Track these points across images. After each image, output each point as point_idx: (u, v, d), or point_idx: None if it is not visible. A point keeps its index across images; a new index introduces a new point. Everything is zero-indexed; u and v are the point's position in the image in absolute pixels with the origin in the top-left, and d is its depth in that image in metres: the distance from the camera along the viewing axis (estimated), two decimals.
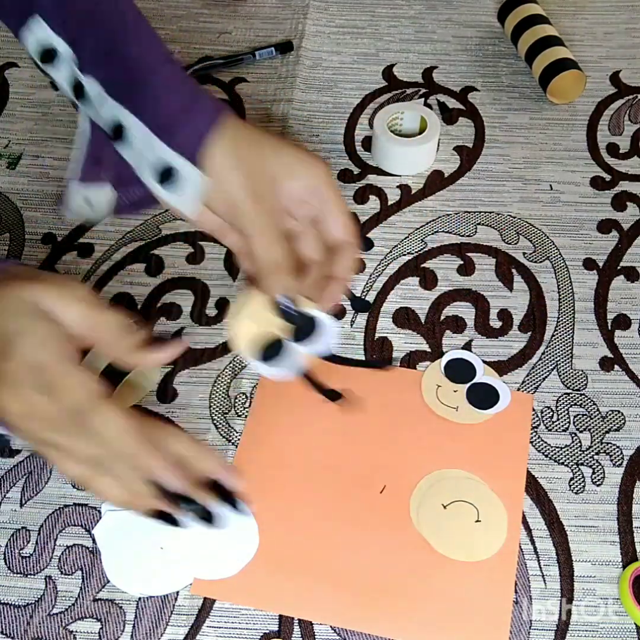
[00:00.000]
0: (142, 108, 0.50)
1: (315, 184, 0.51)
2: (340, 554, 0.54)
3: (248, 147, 0.50)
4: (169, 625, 0.52)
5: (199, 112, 0.50)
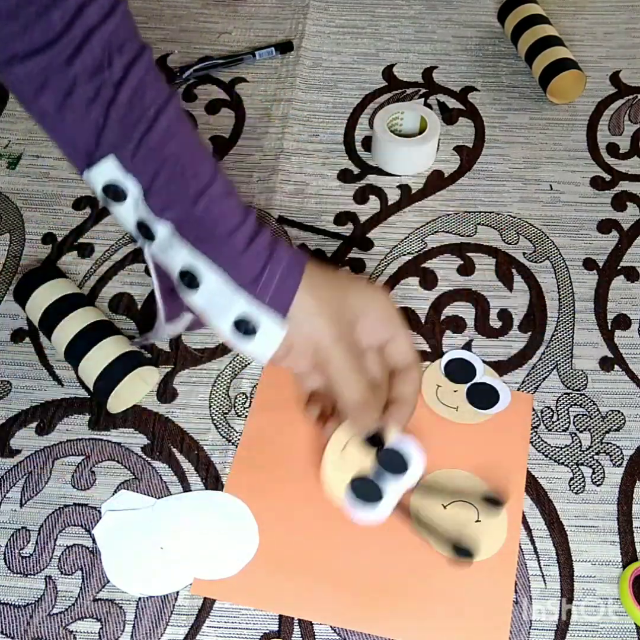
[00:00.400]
0: (224, 260, 0.50)
1: (386, 315, 0.54)
2: (340, 553, 0.54)
3: (328, 291, 0.52)
4: (169, 625, 0.52)
5: (280, 265, 0.51)
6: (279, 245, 0.51)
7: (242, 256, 0.50)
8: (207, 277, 0.50)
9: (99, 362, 0.59)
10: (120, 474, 0.58)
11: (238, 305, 0.50)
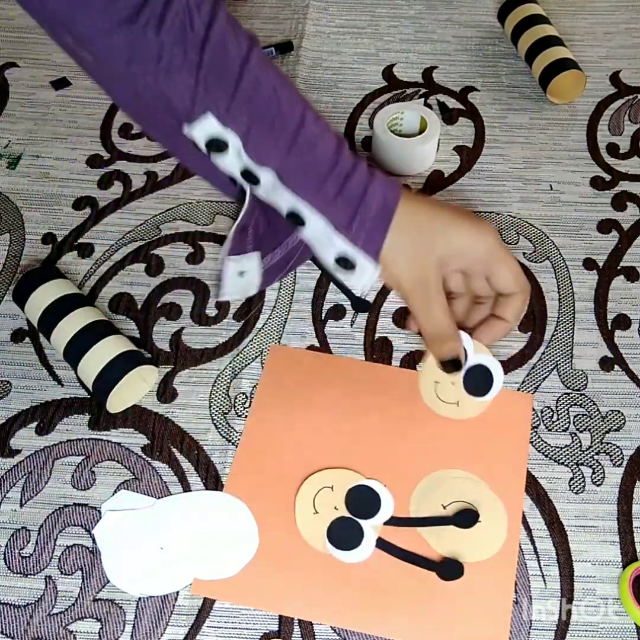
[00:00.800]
0: (320, 205, 0.54)
1: (484, 258, 0.56)
2: None
3: (419, 232, 0.55)
4: (169, 625, 0.52)
5: (372, 209, 0.54)
6: (370, 186, 0.55)
7: (335, 202, 0.54)
8: (309, 218, 0.55)
9: (98, 361, 0.59)
10: (120, 474, 0.58)
11: (338, 244, 0.55)
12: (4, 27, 0.89)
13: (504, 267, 0.56)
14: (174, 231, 0.72)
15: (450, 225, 0.56)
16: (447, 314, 0.57)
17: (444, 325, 0.57)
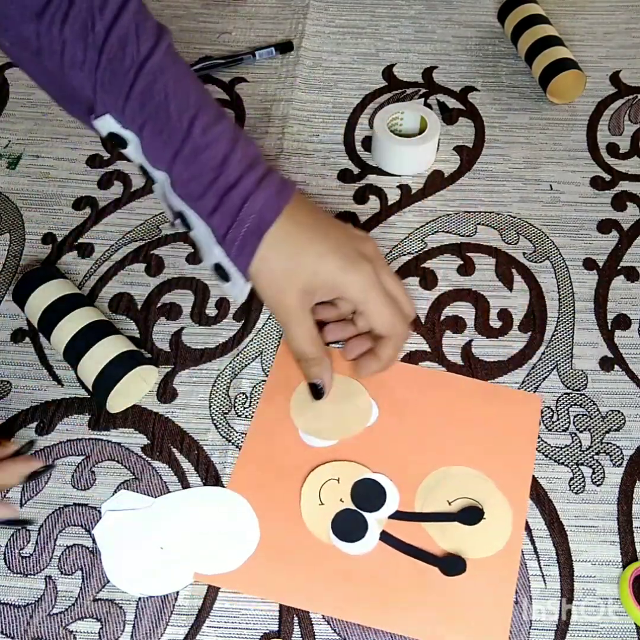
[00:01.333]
0: (202, 214, 0.56)
1: (355, 298, 0.56)
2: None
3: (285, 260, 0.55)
4: (169, 625, 0.52)
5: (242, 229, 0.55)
6: (249, 201, 0.55)
7: (214, 214, 0.55)
8: (195, 223, 0.56)
9: (98, 361, 0.59)
10: (120, 474, 0.58)
11: (216, 253, 0.56)
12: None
13: (376, 311, 0.56)
14: (174, 231, 0.71)
15: (322, 258, 0.55)
16: (310, 340, 0.57)
17: (306, 350, 0.57)
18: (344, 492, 0.56)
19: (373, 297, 0.56)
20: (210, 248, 0.56)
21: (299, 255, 0.55)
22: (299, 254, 0.55)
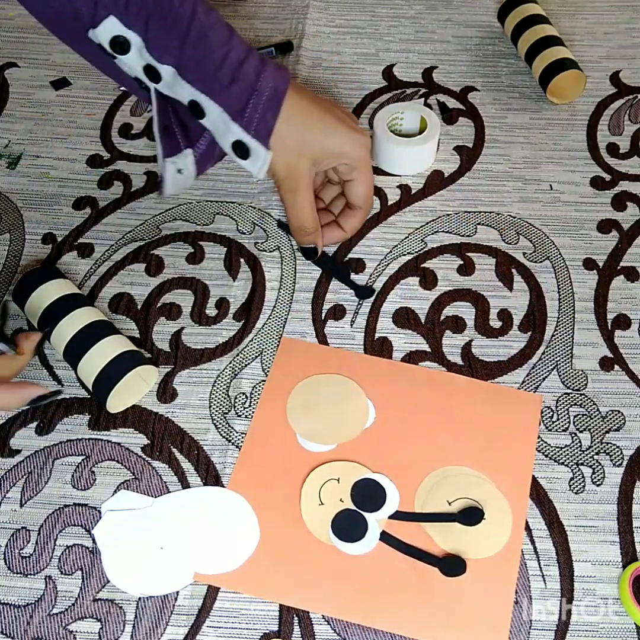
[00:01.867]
0: (216, 95, 0.59)
1: (352, 164, 0.64)
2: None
3: (298, 130, 0.61)
4: (169, 625, 0.52)
5: (263, 96, 0.59)
6: (263, 73, 0.60)
7: (230, 89, 0.59)
8: (208, 107, 0.60)
9: (98, 361, 0.59)
10: (120, 474, 0.58)
11: (234, 130, 0.60)
12: (4, 27, 0.89)
13: (363, 179, 0.66)
14: (174, 231, 0.72)
15: (329, 127, 0.63)
16: (312, 210, 0.65)
17: (308, 219, 0.65)
18: (344, 492, 0.56)
19: (366, 168, 0.66)
20: (227, 126, 0.60)
21: (310, 127, 0.61)
22: (310, 126, 0.61)
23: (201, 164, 0.66)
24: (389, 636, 0.51)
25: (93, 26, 0.57)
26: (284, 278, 0.68)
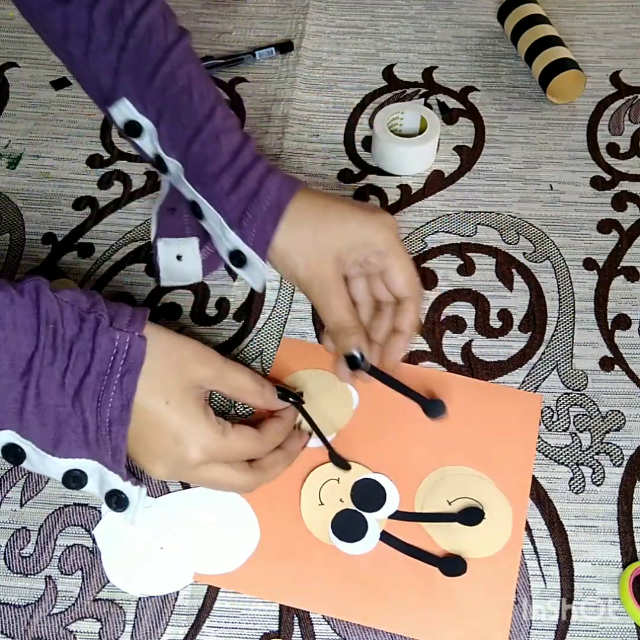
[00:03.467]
0: (215, 201, 0.57)
1: (382, 250, 0.55)
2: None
3: (311, 228, 0.55)
4: (169, 625, 0.52)
5: (263, 206, 0.55)
6: (264, 185, 0.56)
7: (229, 197, 0.56)
8: (206, 211, 0.57)
9: None
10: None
11: (231, 239, 0.57)
12: (4, 27, 0.89)
13: (399, 264, 0.56)
14: None
15: (346, 212, 0.56)
16: (348, 308, 0.56)
17: (344, 319, 0.56)
18: (344, 492, 0.56)
19: (400, 250, 0.56)
20: (224, 234, 0.57)
21: (324, 222, 0.55)
22: (323, 221, 0.55)
23: (210, 263, 0.65)
24: (389, 636, 0.51)
25: (109, 104, 0.57)
26: (284, 278, 0.68)
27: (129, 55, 0.56)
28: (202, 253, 0.65)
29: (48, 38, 0.61)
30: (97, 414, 0.47)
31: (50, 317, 0.45)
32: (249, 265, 0.57)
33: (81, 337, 0.46)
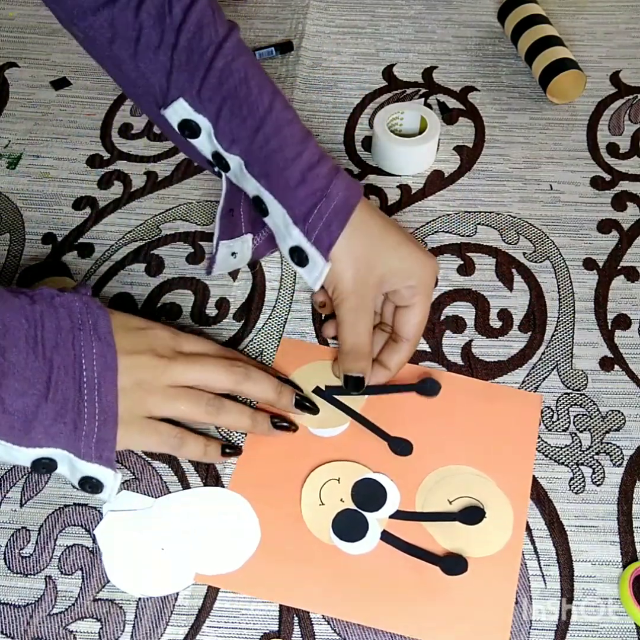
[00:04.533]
0: (281, 194, 0.56)
1: (416, 286, 0.57)
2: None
3: (368, 244, 0.56)
4: (169, 625, 0.52)
5: (331, 205, 0.55)
6: (333, 183, 0.55)
7: (296, 191, 0.55)
8: (271, 206, 0.56)
9: None
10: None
11: (293, 236, 0.56)
12: (4, 27, 0.89)
13: (422, 307, 0.58)
14: (174, 231, 0.72)
15: (402, 245, 0.56)
16: (370, 333, 0.57)
17: (365, 342, 0.57)
18: (345, 492, 0.56)
19: (429, 295, 0.58)
20: (288, 230, 0.56)
21: (381, 241, 0.56)
22: (381, 240, 0.56)
23: (260, 249, 0.65)
24: (389, 636, 0.51)
25: (164, 106, 0.56)
26: (284, 278, 0.68)
27: (181, 53, 0.54)
28: (253, 245, 0.65)
29: (90, 45, 0.58)
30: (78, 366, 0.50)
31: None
32: (310, 263, 0.57)
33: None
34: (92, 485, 0.52)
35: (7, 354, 0.47)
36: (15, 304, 0.50)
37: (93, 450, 0.50)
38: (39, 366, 0.48)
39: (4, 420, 0.47)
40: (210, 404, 0.54)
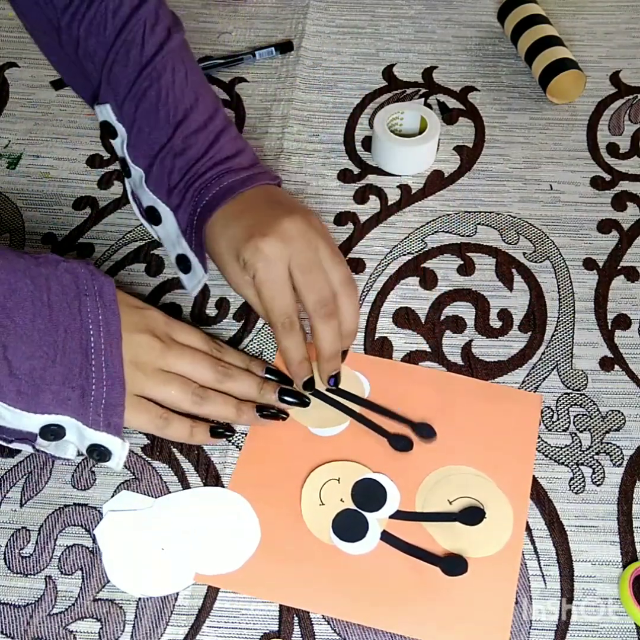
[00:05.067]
0: (172, 206, 0.62)
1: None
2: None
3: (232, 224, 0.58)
4: (169, 625, 0.52)
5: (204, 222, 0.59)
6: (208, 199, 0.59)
7: (179, 209, 0.61)
8: (164, 216, 0.62)
9: None
10: (120, 474, 0.58)
11: (182, 244, 0.62)
12: (4, 27, 0.89)
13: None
14: None
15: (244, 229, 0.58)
16: (289, 297, 0.58)
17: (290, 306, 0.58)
18: (345, 492, 0.56)
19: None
20: (178, 239, 0.61)
21: (232, 227, 0.58)
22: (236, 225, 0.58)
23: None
24: (389, 636, 0.51)
25: (97, 102, 0.63)
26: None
27: (109, 71, 0.61)
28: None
29: (45, 37, 0.66)
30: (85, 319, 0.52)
31: None
32: (192, 271, 0.63)
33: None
34: (100, 452, 0.53)
35: (13, 315, 0.48)
36: (20, 264, 0.51)
37: (101, 417, 0.52)
38: (45, 329, 0.49)
39: (12, 384, 0.48)
40: (196, 392, 0.56)
